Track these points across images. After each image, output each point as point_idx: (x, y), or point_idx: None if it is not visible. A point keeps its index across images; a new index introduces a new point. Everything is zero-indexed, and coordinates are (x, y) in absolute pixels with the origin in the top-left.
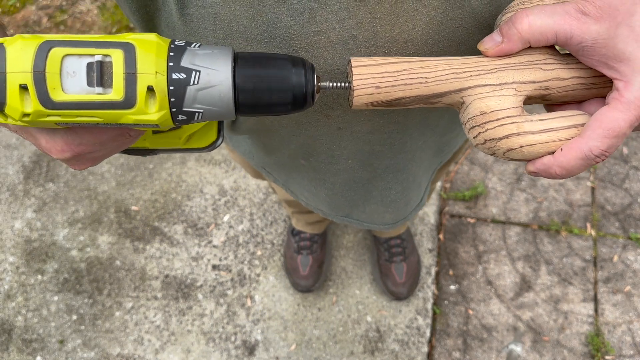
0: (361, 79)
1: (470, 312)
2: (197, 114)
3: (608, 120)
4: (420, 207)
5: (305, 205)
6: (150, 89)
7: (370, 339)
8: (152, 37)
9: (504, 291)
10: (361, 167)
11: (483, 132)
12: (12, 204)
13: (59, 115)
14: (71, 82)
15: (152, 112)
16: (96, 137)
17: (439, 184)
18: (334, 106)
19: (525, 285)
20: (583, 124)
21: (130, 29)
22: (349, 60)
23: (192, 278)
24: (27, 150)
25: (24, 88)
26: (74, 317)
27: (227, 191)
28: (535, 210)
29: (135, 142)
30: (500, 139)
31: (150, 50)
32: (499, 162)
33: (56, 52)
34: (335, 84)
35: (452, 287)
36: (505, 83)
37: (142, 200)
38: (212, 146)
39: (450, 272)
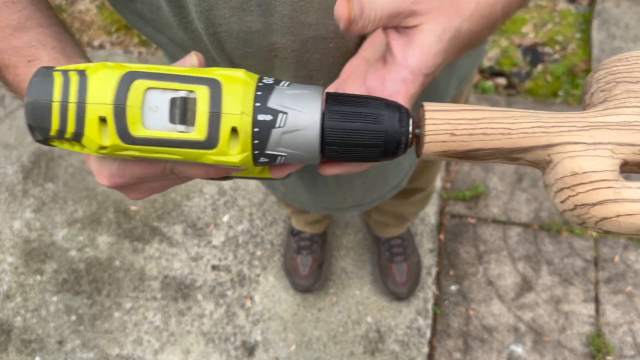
0: (434, 124)
1: (471, 312)
2: (279, 157)
3: None
4: (399, 188)
5: (282, 197)
6: (234, 130)
7: (370, 339)
8: (240, 73)
9: (504, 291)
10: None
11: (573, 195)
12: (11, 204)
13: (137, 151)
14: (152, 117)
15: (234, 153)
16: (143, 171)
17: (439, 184)
18: None
19: (526, 285)
20: None
21: (129, 28)
22: (422, 105)
23: (192, 278)
24: (26, 150)
25: (103, 120)
26: (73, 317)
27: (226, 191)
28: (536, 211)
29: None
30: (594, 205)
31: (237, 88)
32: None
33: (139, 85)
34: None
35: (453, 287)
36: (600, 143)
37: (141, 200)
38: (287, 176)
39: (451, 273)
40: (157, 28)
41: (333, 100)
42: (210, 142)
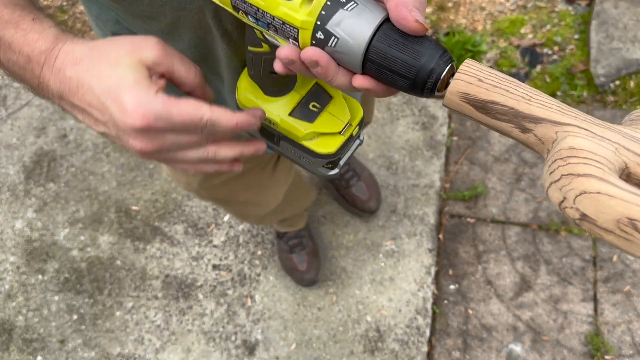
0: (468, 67)
1: (470, 311)
2: (334, 38)
3: None
4: None
5: (255, 221)
6: None
7: (370, 338)
8: None
9: (503, 291)
10: None
11: (563, 165)
12: (12, 203)
13: None
14: None
15: (303, 12)
16: (182, 119)
17: (438, 184)
18: None
19: (524, 285)
20: None
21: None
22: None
23: (193, 278)
24: (28, 150)
25: None
26: (75, 316)
27: None
28: (534, 210)
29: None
30: (579, 175)
31: None
32: (499, 162)
33: None
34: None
35: (452, 286)
36: (608, 139)
37: (142, 200)
38: (331, 156)
39: (450, 272)
40: None
41: (390, 24)
42: None
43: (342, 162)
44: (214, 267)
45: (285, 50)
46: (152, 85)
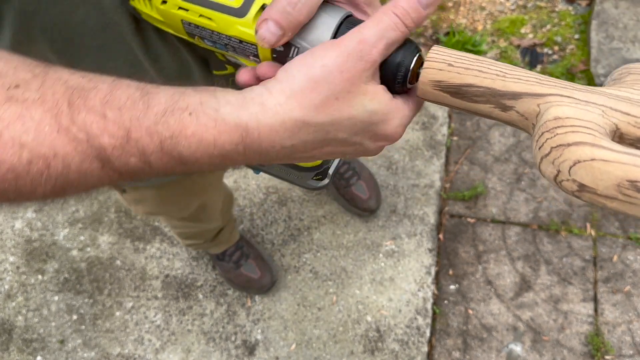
0: (436, 54)
1: (470, 312)
2: (293, 48)
3: None
4: None
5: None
6: (263, 8)
7: (370, 338)
8: None
9: (503, 291)
10: None
11: (551, 137)
12: None
13: (186, 10)
14: None
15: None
16: None
17: (438, 184)
18: None
19: (525, 285)
20: None
21: None
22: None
23: (193, 278)
24: None
25: None
26: (75, 316)
27: None
28: (535, 210)
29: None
30: (569, 145)
31: None
32: (499, 162)
33: None
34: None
35: (452, 287)
36: (593, 103)
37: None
38: (317, 168)
39: (450, 272)
40: None
41: (350, 22)
42: (242, 11)
43: (330, 172)
44: (214, 267)
45: (243, 76)
46: None
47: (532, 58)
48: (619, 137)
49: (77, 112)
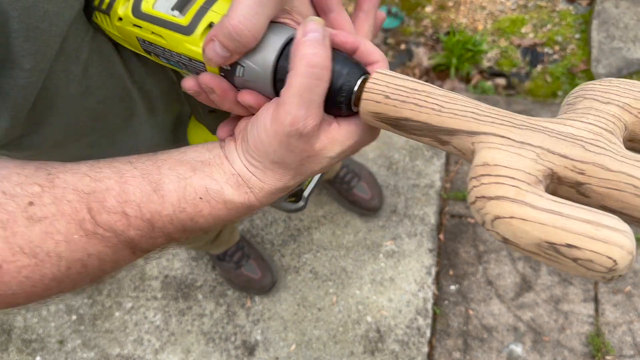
0: (375, 83)
1: (471, 312)
2: (239, 67)
3: None
4: None
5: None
6: (210, 26)
7: (370, 339)
8: None
9: (504, 291)
10: None
11: (477, 186)
12: None
13: (140, 27)
14: (162, 3)
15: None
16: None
17: (438, 184)
18: None
19: (525, 285)
20: (608, 226)
21: None
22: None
23: (192, 278)
24: None
25: None
26: (74, 317)
27: None
28: None
29: None
30: (491, 199)
31: None
32: None
33: None
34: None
35: (453, 287)
36: (529, 144)
37: None
38: (293, 197)
39: (451, 272)
40: None
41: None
42: (189, 29)
43: (305, 194)
44: (214, 267)
45: (188, 82)
46: None
47: (532, 58)
48: (558, 180)
49: (99, 215)
